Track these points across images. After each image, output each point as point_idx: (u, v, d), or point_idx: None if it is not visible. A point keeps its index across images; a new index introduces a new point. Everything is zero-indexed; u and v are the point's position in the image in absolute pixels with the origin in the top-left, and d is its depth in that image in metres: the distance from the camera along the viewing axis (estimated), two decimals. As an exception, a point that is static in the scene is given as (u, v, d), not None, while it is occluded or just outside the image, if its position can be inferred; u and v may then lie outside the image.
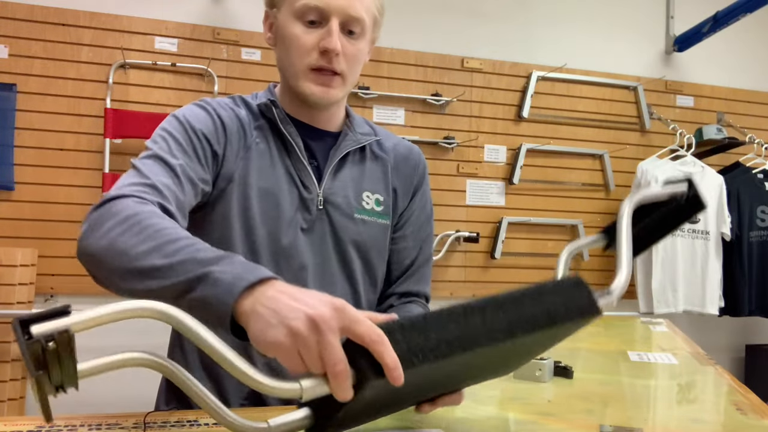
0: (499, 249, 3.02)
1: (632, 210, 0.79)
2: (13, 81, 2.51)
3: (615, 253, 0.77)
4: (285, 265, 1.01)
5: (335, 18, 0.98)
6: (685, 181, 0.81)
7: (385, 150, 1.14)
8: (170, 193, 0.87)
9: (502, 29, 3.15)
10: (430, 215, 1.19)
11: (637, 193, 0.81)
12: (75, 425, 0.74)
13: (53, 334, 0.49)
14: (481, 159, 3.07)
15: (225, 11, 2.78)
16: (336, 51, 0.97)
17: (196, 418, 0.79)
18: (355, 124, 1.12)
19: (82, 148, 2.57)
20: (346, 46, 1.00)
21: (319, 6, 0.98)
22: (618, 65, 3.29)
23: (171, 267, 0.68)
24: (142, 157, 0.91)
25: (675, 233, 2.98)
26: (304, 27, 0.99)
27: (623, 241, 0.76)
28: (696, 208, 0.81)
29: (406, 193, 1.15)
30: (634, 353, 1.34)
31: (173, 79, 2.68)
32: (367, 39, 1.05)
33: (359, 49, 1.02)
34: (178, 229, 0.74)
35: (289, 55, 1.01)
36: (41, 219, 2.52)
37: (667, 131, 3.22)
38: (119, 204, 0.78)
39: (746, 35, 3.45)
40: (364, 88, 2.87)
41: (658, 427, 0.82)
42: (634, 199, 0.80)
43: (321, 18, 0.99)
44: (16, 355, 2.35)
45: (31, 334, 0.48)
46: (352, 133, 1.10)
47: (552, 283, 0.67)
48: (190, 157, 0.94)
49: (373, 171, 1.11)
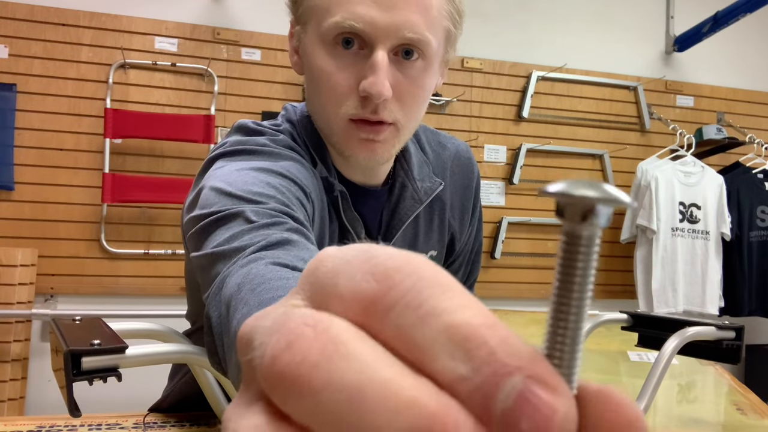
0: (499, 249, 3.02)
1: (679, 348, 0.75)
2: (13, 81, 2.51)
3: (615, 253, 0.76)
4: None
5: (382, 45, 0.67)
6: (735, 330, 0.80)
7: (444, 189, 0.88)
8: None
9: (502, 29, 3.15)
10: (481, 211, 1.03)
11: (690, 331, 0.76)
12: (75, 425, 0.74)
13: (101, 371, 0.47)
14: (481, 159, 3.07)
15: (225, 11, 2.78)
16: (384, 97, 0.68)
17: (196, 418, 0.79)
18: (413, 171, 0.83)
19: (82, 148, 2.57)
20: (400, 84, 0.70)
21: (357, 27, 0.67)
22: (618, 65, 3.29)
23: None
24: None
25: (675, 233, 2.98)
26: (337, 58, 0.70)
27: (654, 377, 0.71)
28: (731, 357, 0.80)
29: (463, 219, 0.95)
30: (634, 353, 1.34)
31: (173, 79, 2.68)
32: (436, 65, 0.75)
33: (421, 86, 0.72)
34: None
35: (319, 97, 0.73)
36: (41, 219, 2.52)
37: (667, 131, 3.22)
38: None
39: (746, 35, 3.45)
40: (364, 88, 2.87)
41: (658, 427, 0.82)
42: (685, 336, 0.75)
43: (362, 42, 0.69)
44: (16, 355, 2.35)
45: (81, 369, 0.46)
46: (410, 185, 0.83)
47: None
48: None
49: (427, 225, 0.89)
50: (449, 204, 0.91)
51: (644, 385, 0.72)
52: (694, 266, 3.01)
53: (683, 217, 3.00)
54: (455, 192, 0.92)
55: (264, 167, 0.66)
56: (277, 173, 0.66)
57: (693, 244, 3.01)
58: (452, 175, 0.91)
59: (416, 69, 0.71)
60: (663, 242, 2.96)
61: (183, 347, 0.55)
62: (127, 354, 0.49)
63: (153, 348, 0.51)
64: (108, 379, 0.48)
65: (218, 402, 0.60)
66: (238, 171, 0.65)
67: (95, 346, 0.47)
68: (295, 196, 0.64)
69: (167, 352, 0.53)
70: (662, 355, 0.73)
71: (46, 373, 2.50)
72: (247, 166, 0.66)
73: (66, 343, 0.49)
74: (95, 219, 2.57)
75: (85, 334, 0.54)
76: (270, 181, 0.63)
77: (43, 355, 2.50)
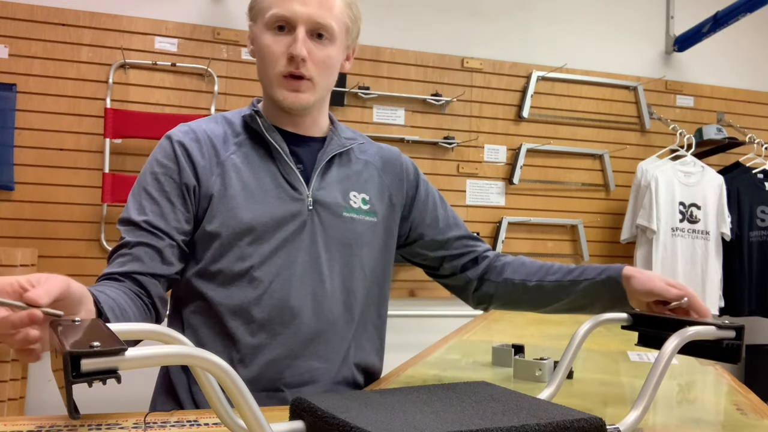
0: (499, 249, 3.02)
1: (680, 347, 0.75)
2: (13, 81, 2.51)
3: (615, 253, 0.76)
4: (277, 266, 1.04)
5: (301, 25, 1.03)
6: (735, 330, 0.81)
7: (368, 153, 1.19)
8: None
9: (502, 29, 3.15)
10: (442, 198, 1.25)
11: (691, 330, 0.77)
12: (75, 425, 0.74)
13: (100, 373, 0.47)
14: (481, 159, 3.07)
15: (225, 11, 2.78)
16: (301, 56, 1.02)
17: (196, 418, 0.79)
18: (339, 129, 1.16)
19: (82, 148, 2.57)
20: (313, 52, 1.04)
21: (285, 15, 1.03)
22: (618, 65, 3.29)
23: None
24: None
25: (675, 233, 2.98)
26: (274, 36, 1.04)
27: (655, 377, 0.72)
28: (731, 357, 0.81)
29: (399, 186, 1.19)
30: (634, 353, 1.34)
31: (173, 79, 2.68)
32: (339, 45, 1.08)
33: (329, 54, 1.06)
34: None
35: (263, 64, 1.07)
36: (41, 219, 2.52)
37: (667, 131, 3.22)
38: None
39: (746, 35, 3.45)
40: (364, 88, 2.87)
41: (658, 427, 0.82)
42: (685, 336, 0.76)
43: (289, 27, 1.04)
44: (16, 355, 2.35)
45: (80, 371, 0.46)
46: (336, 138, 1.14)
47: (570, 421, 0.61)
48: (161, 205, 1.02)
49: (358, 172, 1.15)
50: (379, 167, 1.18)
51: (644, 385, 0.72)
52: (694, 266, 3.01)
53: (683, 217, 3.00)
54: (385, 164, 1.19)
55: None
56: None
57: (693, 244, 3.01)
58: (380, 153, 1.20)
59: (325, 44, 1.06)
60: (663, 242, 2.96)
61: (183, 349, 0.54)
62: (126, 356, 0.48)
63: (152, 350, 0.51)
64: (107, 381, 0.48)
65: (219, 403, 0.59)
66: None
67: (94, 348, 0.47)
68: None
69: (167, 353, 0.52)
70: (662, 354, 0.74)
71: (46, 373, 2.50)
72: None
73: (65, 344, 0.49)
74: (95, 219, 2.57)
75: (85, 336, 0.54)
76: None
77: (43, 355, 2.50)
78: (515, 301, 1.17)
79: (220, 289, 1.03)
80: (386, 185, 1.17)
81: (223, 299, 1.03)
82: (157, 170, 1.05)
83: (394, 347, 1.41)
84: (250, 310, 1.03)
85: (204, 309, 1.04)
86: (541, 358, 1.06)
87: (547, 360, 1.06)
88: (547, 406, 0.66)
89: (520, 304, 1.18)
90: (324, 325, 1.06)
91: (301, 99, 1.06)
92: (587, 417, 0.62)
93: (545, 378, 1.04)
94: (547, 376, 1.05)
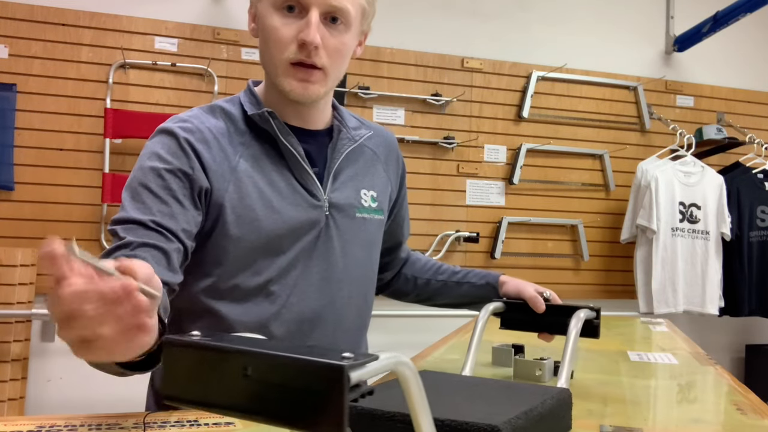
0: (499, 249, 3.02)
1: (581, 324, 0.94)
2: (13, 81, 2.51)
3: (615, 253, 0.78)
4: (294, 278, 0.99)
5: (315, 8, 0.91)
6: (596, 312, 0.99)
7: (372, 142, 1.12)
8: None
9: (502, 29, 3.15)
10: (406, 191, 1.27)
11: (582, 314, 0.96)
12: (75, 425, 0.74)
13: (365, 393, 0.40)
14: (481, 159, 3.07)
15: (225, 11, 2.78)
16: (315, 44, 0.91)
17: (196, 418, 0.79)
18: (345, 119, 1.08)
19: (82, 148, 2.57)
20: (327, 39, 0.93)
21: None
22: (618, 65, 3.29)
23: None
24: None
25: (675, 233, 2.98)
26: (283, 18, 0.93)
27: (569, 350, 0.85)
28: (593, 333, 0.99)
29: (395, 181, 1.18)
30: (634, 353, 1.34)
31: (173, 79, 2.68)
32: (354, 31, 0.98)
33: (343, 41, 0.95)
34: None
35: (268, 48, 0.95)
36: (41, 219, 2.52)
37: (667, 131, 3.22)
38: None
39: (746, 35, 3.45)
40: (364, 88, 2.87)
41: (658, 427, 0.82)
42: (580, 318, 0.95)
43: (300, 8, 0.92)
44: (16, 355, 2.36)
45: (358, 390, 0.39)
46: (345, 130, 1.05)
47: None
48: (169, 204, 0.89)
49: (367, 167, 1.10)
50: (383, 159, 1.14)
51: (561, 363, 0.84)
52: (694, 266, 3.01)
53: (683, 217, 3.00)
54: (386, 154, 1.15)
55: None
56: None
57: (693, 244, 3.01)
58: (383, 139, 1.15)
59: (339, 30, 0.95)
60: (663, 242, 2.95)
61: (396, 360, 0.48)
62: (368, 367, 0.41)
63: (378, 364, 0.42)
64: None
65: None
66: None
67: (359, 360, 0.40)
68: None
69: (394, 363, 0.44)
70: (570, 334, 0.90)
71: (46, 373, 2.50)
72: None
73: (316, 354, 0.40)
74: (95, 219, 2.57)
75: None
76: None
77: (44, 355, 2.50)
78: (404, 294, 1.29)
79: (235, 305, 0.95)
80: (389, 179, 1.14)
81: (239, 316, 0.95)
82: (160, 166, 0.92)
83: (394, 347, 1.40)
84: (268, 327, 0.96)
85: (216, 325, 0.95)
86: (541, 358, 1.06)
87: (547, 360, 1.06)
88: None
89: (408, 297, 1.29)
90: (341, 333, 1.03)
91: (311, 91, 0.95)
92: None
93: (545, 378, 1.04)
94: (547, 375, 1.05)
